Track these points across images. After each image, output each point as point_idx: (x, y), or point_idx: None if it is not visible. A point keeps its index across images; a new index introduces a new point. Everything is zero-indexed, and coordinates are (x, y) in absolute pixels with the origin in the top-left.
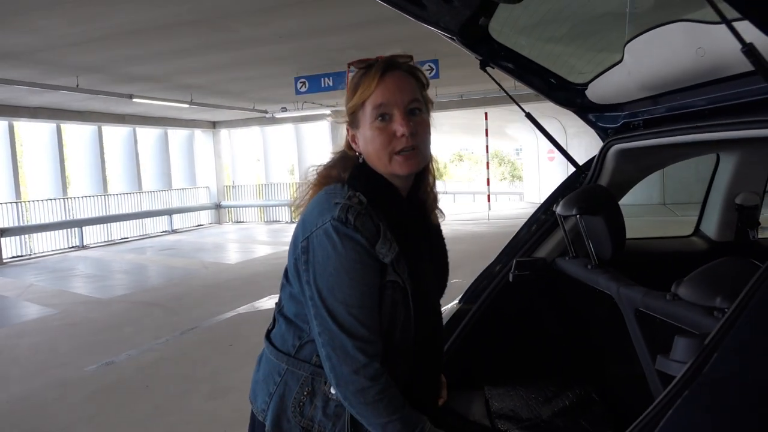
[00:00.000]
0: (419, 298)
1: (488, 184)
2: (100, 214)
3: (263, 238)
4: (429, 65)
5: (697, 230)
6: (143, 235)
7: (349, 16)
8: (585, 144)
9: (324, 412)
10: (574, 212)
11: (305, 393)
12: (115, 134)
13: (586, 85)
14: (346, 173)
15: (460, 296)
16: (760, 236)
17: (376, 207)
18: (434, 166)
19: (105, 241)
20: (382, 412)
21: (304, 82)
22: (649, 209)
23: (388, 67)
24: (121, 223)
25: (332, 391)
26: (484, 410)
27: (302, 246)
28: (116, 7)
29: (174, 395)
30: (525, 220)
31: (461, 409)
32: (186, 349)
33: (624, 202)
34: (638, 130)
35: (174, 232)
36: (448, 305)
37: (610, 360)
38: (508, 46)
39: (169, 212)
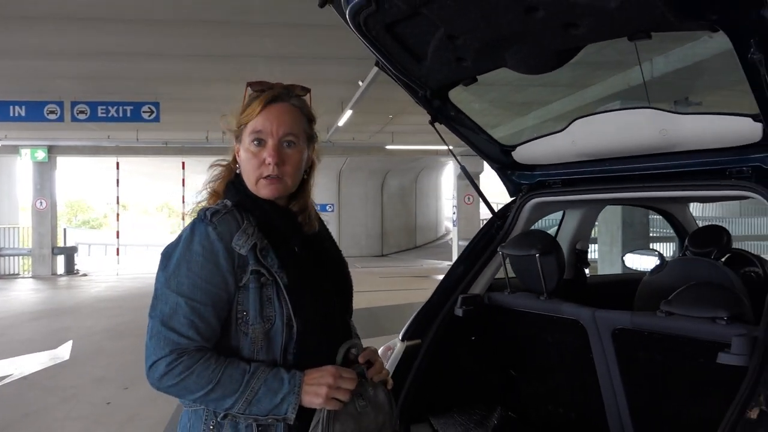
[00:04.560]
0: (297, 293)
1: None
2: None
3: None
4: (149, 107)
5: None
6: None
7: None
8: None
9: None
10: (533, 252)
11: (211, 427)
12: None
13: (514, 147)
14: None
15: (401, 333)
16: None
17: (245, 210)
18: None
19: None
20: (192, 387)
21: None
22: (374, 259)
23: (275, 98)
24: None
25: (239, 413)
26: None
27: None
28: None
29: None
30: None
31: None
32: None
33: (353, 253)
34: (555, 187)
35: None
36: (392, 342)
37: (527, 381)
38: (460, 108)
39: None
